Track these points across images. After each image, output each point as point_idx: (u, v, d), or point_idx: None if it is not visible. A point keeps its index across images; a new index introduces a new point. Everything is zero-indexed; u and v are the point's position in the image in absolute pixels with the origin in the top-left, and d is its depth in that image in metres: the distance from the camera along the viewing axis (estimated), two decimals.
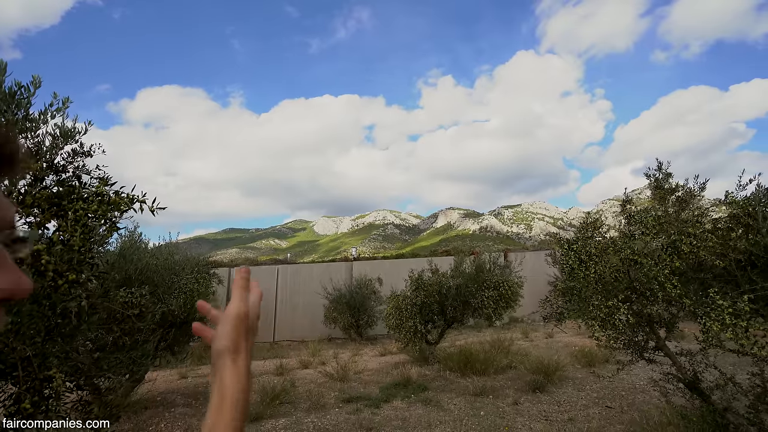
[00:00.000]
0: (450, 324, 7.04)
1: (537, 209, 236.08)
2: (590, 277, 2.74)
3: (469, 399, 4.92)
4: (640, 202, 3.46)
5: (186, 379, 6.83)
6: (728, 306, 2.32)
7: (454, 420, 4.26)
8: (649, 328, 3.02)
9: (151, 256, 4.66)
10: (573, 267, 2.92)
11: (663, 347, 3.05)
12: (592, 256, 2.81)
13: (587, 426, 3.84)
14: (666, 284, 2.57)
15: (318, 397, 5.11)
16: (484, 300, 6.33)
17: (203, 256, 5.86)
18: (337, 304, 11.28)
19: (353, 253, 21.21)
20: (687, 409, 3.06)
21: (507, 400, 4.80)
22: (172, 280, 4.58)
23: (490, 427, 4.04)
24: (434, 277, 6.88)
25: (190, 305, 4.68)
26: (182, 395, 5.58)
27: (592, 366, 6.07)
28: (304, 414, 4.65)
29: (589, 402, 4.64)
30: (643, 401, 4.50)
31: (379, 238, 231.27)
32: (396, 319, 6.60)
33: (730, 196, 2.89)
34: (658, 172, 3.03)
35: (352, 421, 4.35)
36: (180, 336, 5.20)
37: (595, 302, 2.70)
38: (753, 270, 2.57)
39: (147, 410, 4.71)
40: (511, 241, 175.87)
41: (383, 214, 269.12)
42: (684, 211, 3.16)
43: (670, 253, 2.70)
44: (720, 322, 2.29)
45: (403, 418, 4.40)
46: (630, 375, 5.60)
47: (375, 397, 5.10)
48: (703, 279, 2.69)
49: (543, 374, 5.42)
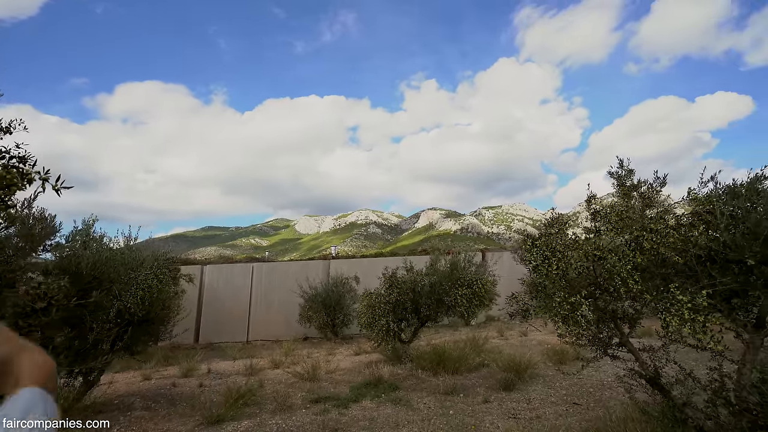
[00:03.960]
0: (424, 322, 6.98)
1: (517, 211, 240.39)
2: (552, 273, 2.71)
3: (440, 398, 4.86)
4: (605, 200, 3.46)
5: (150, 380, 6.54)
6: (687, 301, 2.32)
7: (422, 419, 4.19)
8: (613, 324, 3.02)
9: (109, 251, 4.42)
10: (537, 264, 2.89)
11: (626, 343, 3.05)
12: (556, 252, 2.78)
13: (553, 423, 3.83)
14: (628, 280, 2.56)
15: (285, 398, 4.96)
16: (458, 298, 6.29)
17: (165, 252, 5.61)
18: (312, 303, 11.10)
19: (333, 252, 21.01)
20: (649, 404, 3.07)
21: (477, 399, 4.77)
22: (129, 276, 4.35)
23: (458, 426, 3.99)
24: (408, 275, 6.80)
25: (149, 302, 4.46)
26: (142, 398, 5.32)
27: (563, 363, 6.12)
28: (269, 415, 4.50)
29: (557, 399, 4.65)
30: (609, 397, 4.54)
31: (361, 237, 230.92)
32: (368, 318, 6.49)
33: (692, 193, 2.91)
34: (621, 169, 3.03)
35: (318, 422, 4.22)
36: (140, 335, 4.95)
37: (558, 299, 2.67)
38: (712, 266, 2.58)
39: (100, 414, 4.45)
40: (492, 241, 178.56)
41: (365, 214, 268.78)
42: (648, 208, 3.17)
43: (633, 248, 2.69)
44: (679, 317, 2.28)
45: (371, 418, 4.30)
46: (599, 372, 5.66)
47: (344, 397, 4.98)
48: (665, 274, 2.69)
49: (514, 372, 5.42)
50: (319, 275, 12.54)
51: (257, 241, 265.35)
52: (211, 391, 5.69)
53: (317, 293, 11.18)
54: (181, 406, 4.98)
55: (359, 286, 11.19)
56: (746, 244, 2.45)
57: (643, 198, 2.94)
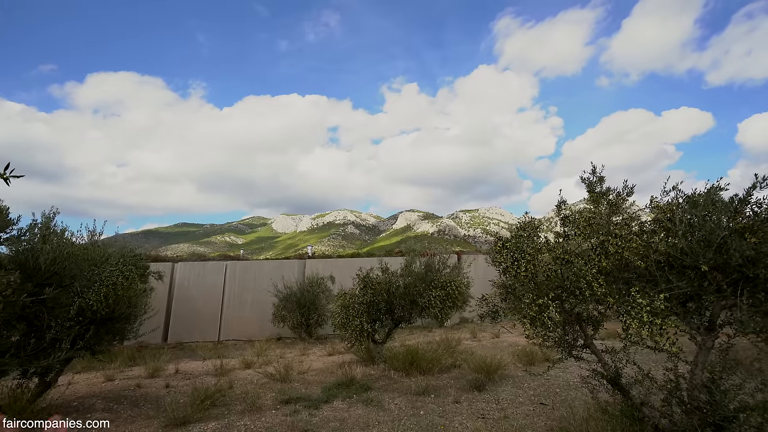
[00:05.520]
0: (398, 323, 7.01)
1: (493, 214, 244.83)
2: (521, 275, 2.78)
3: (411, 398, 4.89)
4: (577, 207, 3.57)
5: (113, 381, 6.28)
6: (647, 304, 2.42)
7: (392, 420, 4.20)
8: (578, 326, 3.12)
9: (71, 246, 4.21)
10: (506, 266, 2.96)
11: (590, 345, 3.16)
12: (525, 255, 2.85)
13: (520, 423, 3.92)
14: (593, 283, 2.65)
15: (255, 399, 4.86)
16: (431, 299, 6.35)
17: (132, 248, 5.40)
18: (287, 303, 10.95)
19: (309, 251, 20.78)
20: (610, 404, 3.18)
21: (448, 399, 4.82)
22: (92, 273, 4.17)
23: (428, 426, 4.02)
24: (383, 276, 6.81)
25: (113, 300, 4.28)
26: (104, 399, 5.11)
27: (532, 365, 6.27)
28: (237, 416, 4.40)
29: (525, 400, 4.76)
30: (574, 398, 4.68)
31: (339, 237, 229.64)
32: (342, 318, 6.47)
33: (655, 201, 3.05)
34: (592, 175, 3.14)
35: (288, 423, 4.16)
36: (102, 334, 4.75)
37: (527, 300, 2.75)
38: (670, 271, 2.71)
39: (56, 416, 4.24)
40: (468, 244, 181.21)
41: (344, 214, 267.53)
42: (615, 215, 3.29)
43: (598, 253, 2.79)
44: (639, 319, 2.38)
45: (342, 419, 4.28)
46: (566, 373, 5.83)
47: (315, 398, 4.94)
48: (627, 279, 2.80)
49: (485, 373, 5.51)
50: (294, 275, 12.38)
51: (233, 238, 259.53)
52: (177, 392, 5.52)
53: (292, 293, 11.04)
54: (146, 407, 4.81)
55: (334, 286, 11.11)
56: (701, 251, 2.59)
57: (611, 205, 3.05)
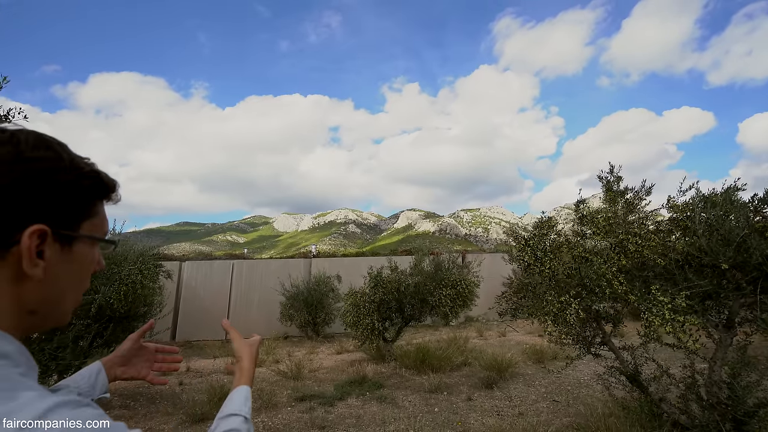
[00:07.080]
0: (408, 322, 7.06)
1: (494, 214, 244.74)
2: (545, 273, 2.83)
3: (424, 396, 4.94)
4: (592, 205, 3.61)
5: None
6: (668, 302, 2.47)
7: (408, 417, 4.25)
8: (596, 323, 3.16)
9: None
10: (529, 263, 3.00)
11: (608, 342, 3.20)
12: (547, 253, 2.90)
13: (536, 420, 3.97)
14: (613, 281, 2.70)
15: (270, 396, 4.92)
16: (442, 298, 6.40)
17: (151, 248, 5.47)
18: (294, 301, 11.00)
19: (313, 250, 20.85)
20: (626, 400, 3.23)
21: (461, 396, 4.87)
22: (112, 271, 4.22)
23: (444, 422, 4.07)
24: (393, 275, 6.86)
25: (132, 298, 4.34)
26: (120, 396, 5.17)
27: (541, 362, 6.32)
28: (254, 413, 4.46)
29: (538, 397, 4.80)
30: (587, 395, 4.73)
31: (340, 236, 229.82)
32: (353, 316, 6.52)
33: (672, 201, 3.09)
34: (610, 175, 3.18)
35: (305, 419, 4.22)
36: (120, 332, 4.81)
37: (549, 297, 2.79)
38: (690, 269, 2.75)
39: None
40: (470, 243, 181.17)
41: (345, 213, 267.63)
42: (631, 214, 3.33)
43: (617, 251, 2.83)
44: (661, 317, 2.43)
45: (358, 415, 4.34)
46: (575, 371, 5.88)
47: (329, 395, 4.99)
48: (646, 277, 2.84)
49: (496, 371, 5.56)
50: (300, 273, 12.44)
51: (234, 237, 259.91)
52: (192, 389, 5.58)
53: (299, 292, 11.09)
54: (162, 404, 4.87)
55: (341, 285, 11.17)
56: (720, 250, 2.63)
57: (628, 204, 3.10)
